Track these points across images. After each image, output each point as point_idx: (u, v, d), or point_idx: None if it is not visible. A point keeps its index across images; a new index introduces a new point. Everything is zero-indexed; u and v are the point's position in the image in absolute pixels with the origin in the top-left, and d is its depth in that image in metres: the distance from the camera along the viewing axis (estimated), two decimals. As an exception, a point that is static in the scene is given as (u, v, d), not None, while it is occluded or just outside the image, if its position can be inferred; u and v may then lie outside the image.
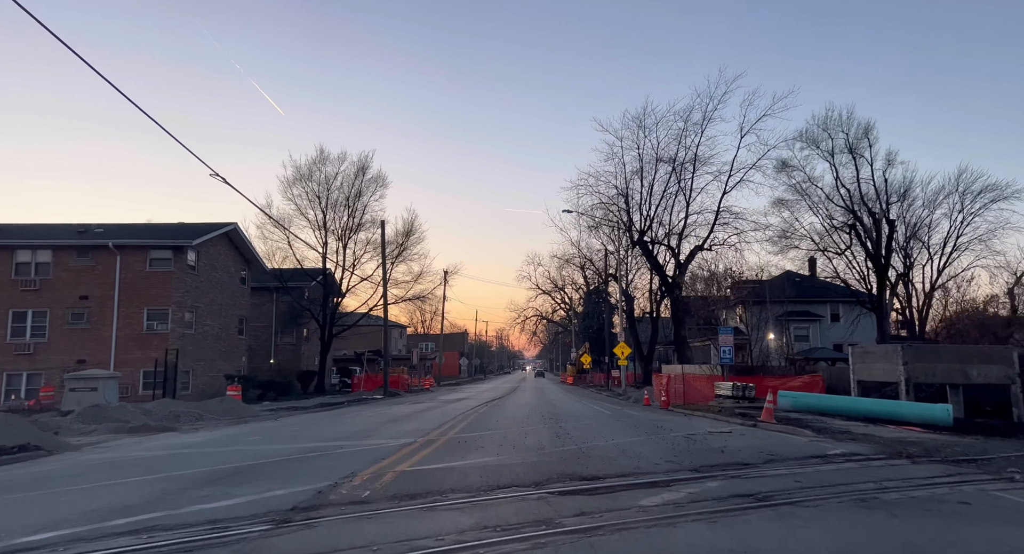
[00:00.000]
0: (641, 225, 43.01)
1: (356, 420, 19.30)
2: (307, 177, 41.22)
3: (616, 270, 54.69)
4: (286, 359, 43.11)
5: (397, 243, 43.33)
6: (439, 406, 26.35)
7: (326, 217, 41.89)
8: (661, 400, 26.26)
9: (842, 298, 45.29)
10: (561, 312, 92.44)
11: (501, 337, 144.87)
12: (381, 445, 11.99)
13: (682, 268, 42.18)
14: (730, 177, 40.30)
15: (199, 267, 31.32)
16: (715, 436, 13.21)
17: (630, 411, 22.87)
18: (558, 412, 21.56)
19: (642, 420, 18.00)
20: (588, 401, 31.50)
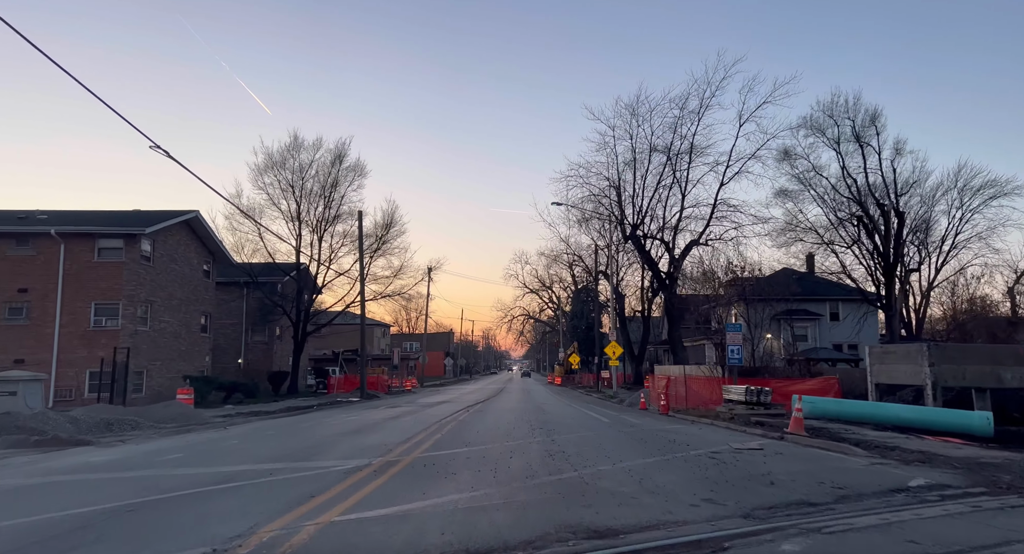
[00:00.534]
0: (634, 219, 40.48)
1: (315, 430, 16.50)
2: (280, 165, 38.31)
3: (607, 267, 52.15)
4: (257, 359, 40.12)
5: (376, 236, 40.51)
6: (416, 411, 23.61)
7: (300, 208, 39.00)
8: (660, 404, 23.69)
9: (843, 296, 43.03)
10: (549, 311, 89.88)
11: (488, 337, 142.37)
12: (325, 470, 9.24)
13: (677, 264, 39.69)
14: (728, 168, 37.90)
15: (155, 258, 28.34)
16: (747, 456, 10.59)
17: (628, 417, 20.25)
18: (548, 419, 18.90)
19: (647, 431, 15.37)
20: (579, 405, 28.88)
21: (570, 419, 19.42)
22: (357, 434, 14.94)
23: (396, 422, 18.40)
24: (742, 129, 37.01)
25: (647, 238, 41.09)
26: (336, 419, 20.48)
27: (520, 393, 44.25)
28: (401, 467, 9.43)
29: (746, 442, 12.55)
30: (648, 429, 15.87)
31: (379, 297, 41.63)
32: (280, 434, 15.54)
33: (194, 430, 17.49)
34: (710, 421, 18.25)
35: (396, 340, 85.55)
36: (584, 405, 28.69)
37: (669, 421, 19.12)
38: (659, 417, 21.11)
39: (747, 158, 37.09)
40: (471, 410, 23.65)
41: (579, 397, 39.58)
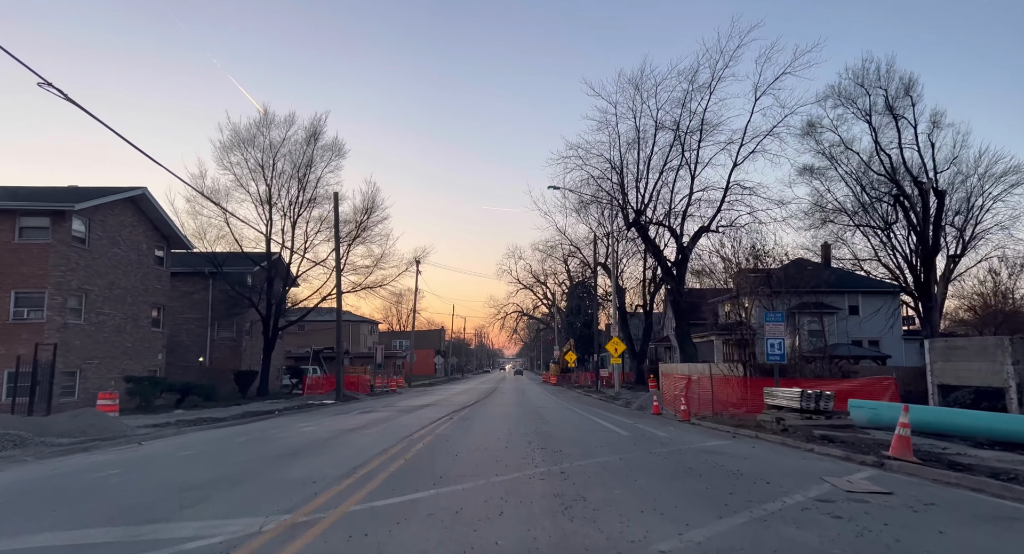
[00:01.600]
0: (638, 204, 36.42)
1: (244, 450, 12.32)
2: (249, 142, 34.03)
3: (606, 258, 48.10)
4: (224, 357, 35.84)
5: (355, 222, 36.30)
6: (390, 418, 19.48)
7: (271, 191, 34.73)
8: (680, 409, 19.65)
9: (864, 288, 39.16)
10: (543, 308, 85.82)
11: (481, 335, 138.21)
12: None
13: (685, 252, 35.65)
14: (742, 146, 33.88)
15: (92, 240, 24.06)
16: (880, 509, 6.50)
17: (648, 427, 16.17)
18: (551, 432, 14.81)
19: (687, 452, 11.27)
20: (582, 408, 24.77)
21: (577, 430, 15.34)
22: (293, 458, 10.78)
23: (357, 436, 14.25)
24: (758, 103, 33.04)
25: (652, 225, 37.07)
26: (288, 430, 16.30)
27: (514, 394, 40.15)
28: (308, 540, 5.30)
29: (846, 475, 8.46)
30: (686, 449, 11.77)
31: (358, 289, 37.44)
32: (196, 457, 11.37)
33: (94, 448, 13.30)
34: (754, 433, 14.21)
35: (385, 338, 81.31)
36: (587, 409, 24.62)
37: (702, 433, 15.05)
38: (684, 427, 17.04)
39: (764, 135, 33.12)
40: (456, 417, 19.52)
41: (578, 398, 35.52)
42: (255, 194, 34.35)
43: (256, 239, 34.63)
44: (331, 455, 10.95)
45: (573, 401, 31.82)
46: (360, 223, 36.00)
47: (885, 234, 29.19)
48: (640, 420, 19.19)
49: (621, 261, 45.35)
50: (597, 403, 30.04)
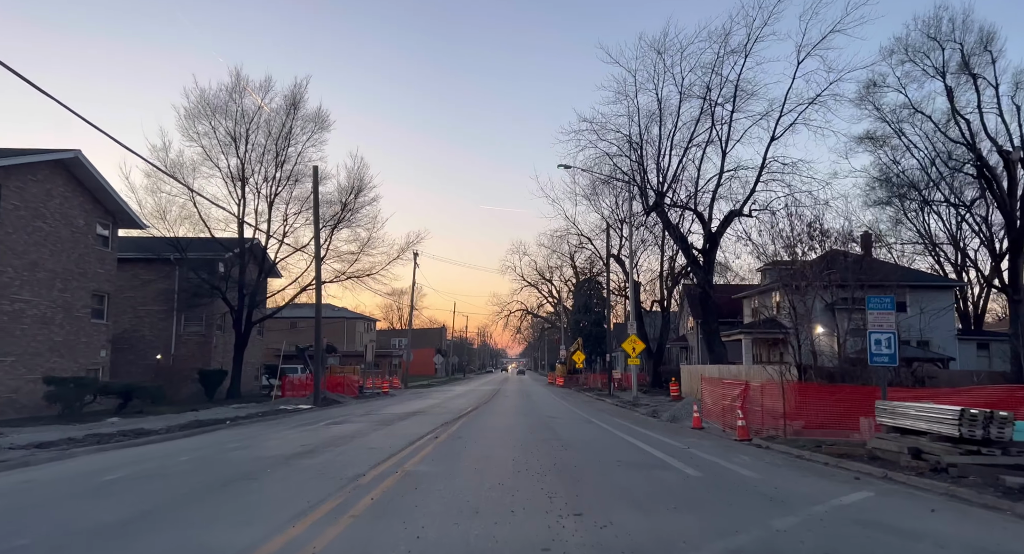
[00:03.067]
0: (659, 185, 31.47)
1: (73, 512, 7.38)
2: (219, 111, 29.14)
3: (619, 249, 43.15)
4: (190, 353, 30.90)
5: (341, 203, 31.34)
6: (359, 435, 14.50)
7: (245, 166, 29.85)
8: (736, 425, 14.63)
9: (913, 281, 34.07)
10: (548, 307, 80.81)
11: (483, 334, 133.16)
12: None
13: (714, 239, 30.66)
14: (781, 117, 28.92)
15: (4, 211, 19.17)
16: None
17: (712, 456, 11.03)
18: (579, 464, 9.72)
19: (835, 525, 6.28)
20: (603, 419, 19.66)
21: (614, 461, 10.30)
22: (123, 529, 5.80)
23: (285, 471, 9.22)
24: (801, 67, 28.08)
25: (675, 208, 32.09)
26: (205, 454, 11.33)
27: (518, 397, 35.12)
28: None
29: None
30: (824, 515, 6.73)
31: (342, 278, 32.41)
32: None
33: None
34: (881, 472, 9.22)
35: (384, 337, 76.33)
36: (609, 420, 19.53)
37: (796, 469, 9.97)
38: (755, 453, 11.98)
39: (808, 103, 28.14)
40: (444, 434, 14.50)
41: (591, 403, 30.48)
42: (226, 170, 29.50)
43: (227, 221, 29.77)
44: (209, 520, 5.95)
45: (587, 408, 26.76)
46: (345, 204, 31.04)
47: (961, 213, 24.10)
48: (684, 439, 14.14)
49: (635, 253, 40.17)
50: (616, 411, 24.99)
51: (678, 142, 31.12)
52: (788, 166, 28.54)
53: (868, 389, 14.42)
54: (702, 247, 30.78)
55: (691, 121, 30.81)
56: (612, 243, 41.58)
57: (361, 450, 11.58)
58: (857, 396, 13.99)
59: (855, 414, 13.77)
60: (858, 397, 13.97)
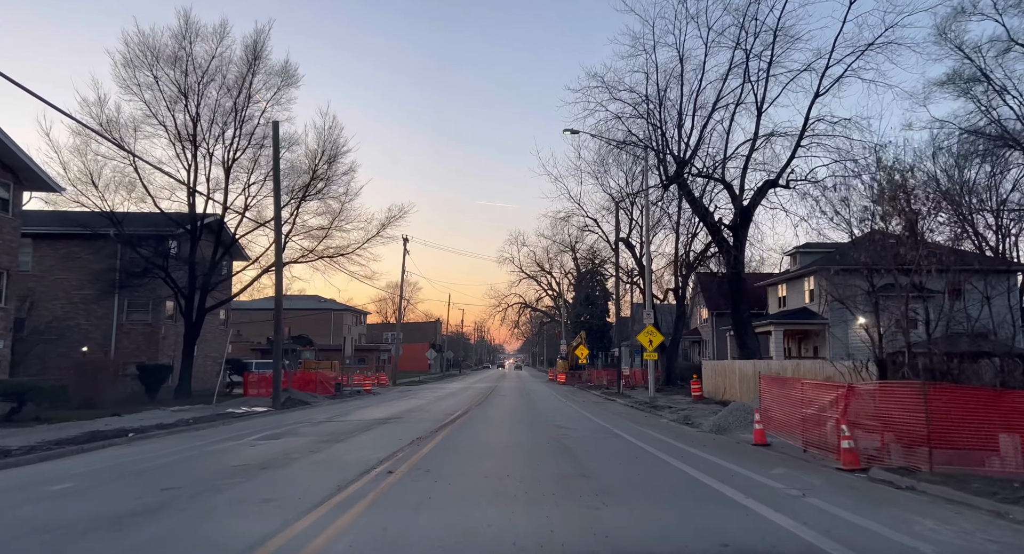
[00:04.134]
0: (680, 153, 26.48)
1: None
2: (165, 59, 24.02)
3: (628, 232, 38.14)
4: (135, 346, 25.85)
5: (310, 171, 26.23)
6: (296, 456, 9.51)
7: (197, 127, 24.77)
8: (841, 448, 9.65)
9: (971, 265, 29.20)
10: (547, 300, 75.86)
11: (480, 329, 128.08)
12: None
13: (747, 213, 25.67)
14: (828, 69, 23.93)
15: None
16: None
17: (852, 514, 5.80)
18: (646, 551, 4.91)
19: None
20: (628, 431, 14.37)
21: (695, 522, 5.36)
22: None
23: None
24: (852, 9, 23.09)
25: (700, 177, 27.09)
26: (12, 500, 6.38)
27: (517, 397, 30.11)
28: None
29: None
30: None
31: (311, 258, 27.20)
32: None
33: None
34: None
35: (377, 330, 71.25)
36: (637, 432, 14.37)
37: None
38: (911, 503, 6.98)
39: (862, 50, 23.12)
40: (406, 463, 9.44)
41: (602, 405, 25.49)
42: (173, 130, 24.38)
43: (174, 189, 24.63)
44: None
45: (600, 411, 21.72)
46: (315, 172, 25.91)
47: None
48: (767, 468, 9.07)
49: (652, 229, 34.87)
50: (637, 416, 19.95)
51: (702, 104, 26.15)
52: (837, 124, 23.50)
53: (996, 393, 9.51)
54: (732, 222, 25.78)
55: (718, 79, 25.81)
56: (621, 226, 36.55)
57: (239, 505, 6.56)
58: (990, 403, 9.04)
59: (991, 430, 8.87)
60: (991, 404, 9.04)
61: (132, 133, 23.68)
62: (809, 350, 31.98)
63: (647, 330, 26.76)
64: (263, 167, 25.88)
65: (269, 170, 25.64)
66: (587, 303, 61.42)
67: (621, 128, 27.69)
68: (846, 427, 9.87)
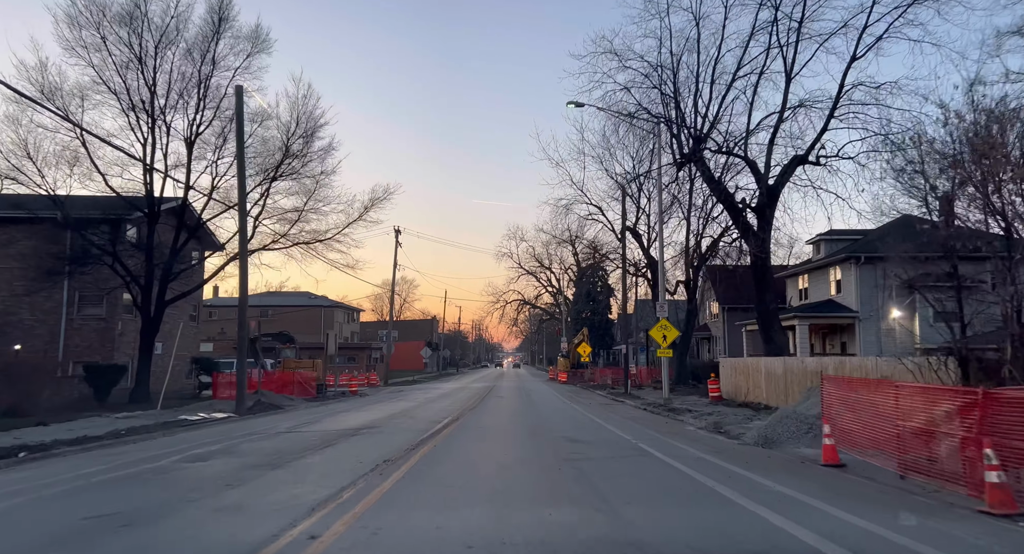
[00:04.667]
0: (696, 128, 23.42)
1: None
2: (115, 18, 20.82)
3: (636, 219, 35.02)
4: (87, 344, 22.69)
5: (282, 147, 23.05)
6: (215, 493, 6.45)
7: (155, 97, 21.62)
8: (988, 484, 6.57)
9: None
10: (547, 297, 72.74)
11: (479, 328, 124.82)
12: None
13: (773, 193, 22.57)
14: (866, 28, 20.83)
15: None
16: None
17: None
18: None
19: None
20: (657, 446, 10.83)
21: None
22: None
23: None
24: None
25: (720, 155, 23.99)
26: None
27: (516, 399, 26.97)
28: None
29: None
30: None
31: (286, 244, 23.93)
32: None
33: None
34: None
35: (372, 328, 68.07)
36: (669, 448, 11.06)
37: None
38: None
39: (907, 4, 19.99)
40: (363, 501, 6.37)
41: (612, 408, 22.35)
42: (127, 99, 21.21)
43: (126, 165, 21.44)
44: None
45: (613, 416, 18.51)
46: (288, 149, 22.72)
47: None
48: (889, 520, 5.96)
49: (665, 211, 31.70)
50: (657, 422, 16.77)
51: (720, 74, 23.06)
52: (881, 89, 20.35)
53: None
54: (757, 203, 22.65)
55: (738, 46, 22.73)
56: (628, 214, 33.43)
57: None
58: None
59: None
60: None
61: (79, 103, 20.52)
62: (835, 346, 28.89)
63: (660, 324, 23.70)
64: (231, 143, 22.68)
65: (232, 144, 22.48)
66: (588, 299, 58.36)
67: (630, 101, 24.55)
68: (991, 452, 6.74)
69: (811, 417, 12.72)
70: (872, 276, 26.16)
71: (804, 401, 14.39)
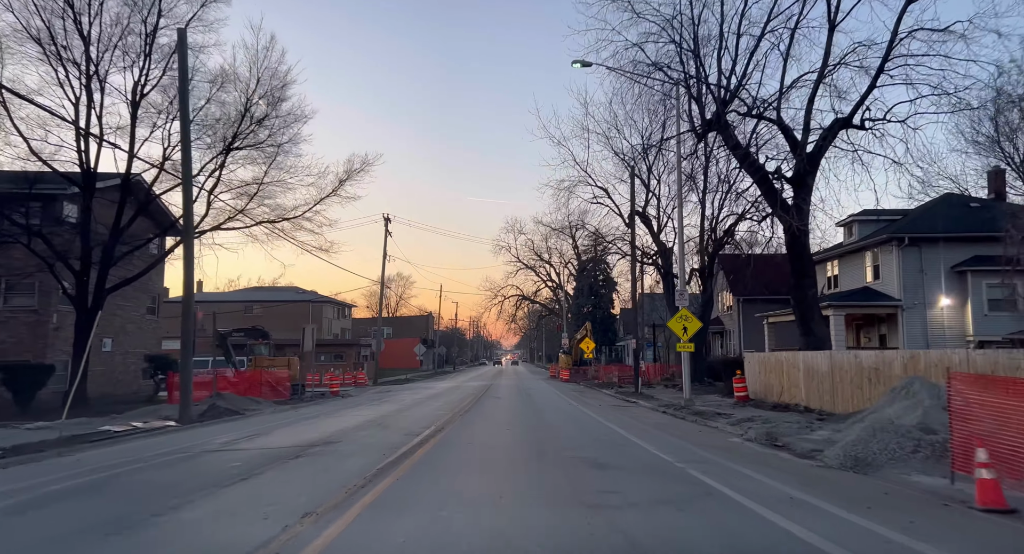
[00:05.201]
0: (721, 88, 19.98)
1: None
2: (40, -45, 17.30)
3: (645, 203, 31.53)
4: (14, 339, 19.16)
5: (240, 109, 19.51)
6: None
7: (91, 49, 18.10)
8: None
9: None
10: (546, 292, 69.32)
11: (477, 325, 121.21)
12: None
13: (813, 160, 19.10)
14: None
15: None
16: None
17: None
18: None
19: None
20: (711, 471, 7.20)
21: None
22: None
23: None
24: None
25: (750, 118, 20.52)
26: None
27: (515, 400, 23.50)
28: None
29: None
30: None
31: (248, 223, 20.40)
32: None
33: None
34: None
35: (364, 325, 64.57)
36: (740, 480, 7.52)
37: None
38: None
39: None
40: None
41: (625, 411, 18.87)
42: (54, 52, 17.68)
43: (51, 124, 17.90)
44: None
45: (631, 422, 15.01)
46: (247, 109, 19.15)
47: None
48: None
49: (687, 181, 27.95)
50: (690, 431, 13.27)
51: (748, 27, 19.59)
52: (947, 32, 16.82)
53: None
54: (795, 172, 19.17)
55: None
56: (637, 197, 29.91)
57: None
58: None
59: None
60: None
61: (-2, 55, 16.98)
62: (872, 339, 25.46)
63: (680, 315, 20.27)
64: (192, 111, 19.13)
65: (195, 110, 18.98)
66: (590, 293, 54.94)
67: (644, 61, 21.02)
68: None
69: (911, 429, 9.31)
70: (917, 260, 22.77)
71: (888, 406, 10.94)
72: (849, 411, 14.76)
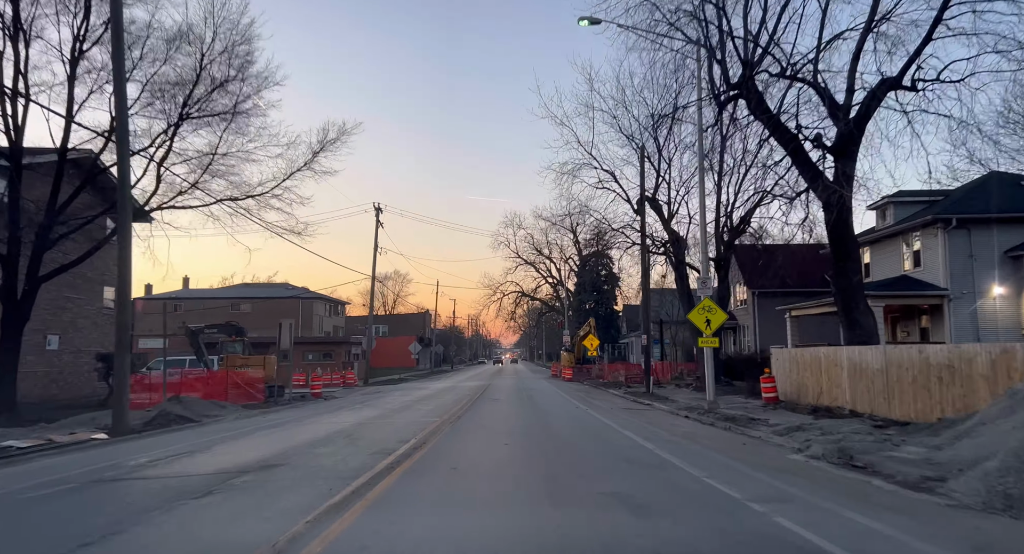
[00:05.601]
0: (747, 49, 17.22)
1: None
2: None
3: (655, 188, 28.74)
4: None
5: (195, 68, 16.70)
6: None
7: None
8: None
9: None
10: (546, 289, 66.57)
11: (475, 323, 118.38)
12: None
13: (859, 125, 16.36)
14: None
15: None
16: None
17: None
18: None
19: None
20: (811, 524, 4.41)
21: None
22: None
23: None
24: None
25: (784, 79, 17.72)
26: None
27: (514, 403, 20.72)
28: None
29: None
30: None
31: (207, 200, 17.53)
32: None
33: None
34: None
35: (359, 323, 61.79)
36: (850, 534, 5.06)
37: None
38: None
39: None
40: None
41: (646, 415, 16.07)
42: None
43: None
44: None
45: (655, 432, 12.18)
46: (202, 67, 16.34)
47: None
48: None
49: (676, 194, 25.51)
50: (731, 444, 10.47)
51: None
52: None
53: None
54: (837, 140, 16.41)
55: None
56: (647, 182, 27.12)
57: None
58: None
59: None
60: None
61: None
62: (911, 333, 22.73)
63: (702, 306, 17.59)
64: (139, 67, 16.40)
65: (143, 71, 16.21)
66: (592, 289, 52.22)
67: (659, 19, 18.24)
68: None
69: None
70: (966, 244, 20.04)
71: (1006, 418, 8.19)
72: (911, 417, 12.06)
